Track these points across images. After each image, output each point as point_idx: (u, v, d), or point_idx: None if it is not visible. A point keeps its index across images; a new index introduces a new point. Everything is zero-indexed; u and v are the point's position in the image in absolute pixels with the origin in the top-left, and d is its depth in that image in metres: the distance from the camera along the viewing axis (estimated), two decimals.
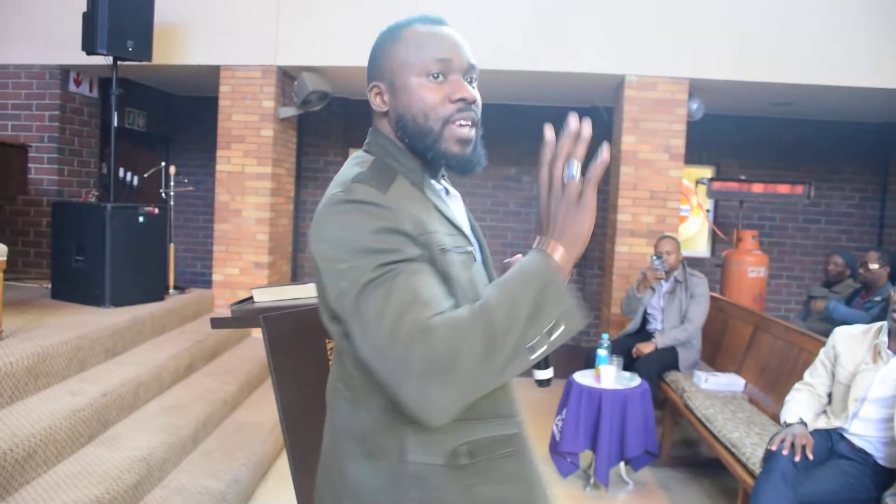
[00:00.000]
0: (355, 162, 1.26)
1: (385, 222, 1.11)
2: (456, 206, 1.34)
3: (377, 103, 1.30)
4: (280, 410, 2.13)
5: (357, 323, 1.09)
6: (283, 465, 4.02)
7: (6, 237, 5.74)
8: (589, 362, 4.38)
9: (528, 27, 5.71)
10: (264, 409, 4.46)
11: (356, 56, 5.91)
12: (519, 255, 1.34)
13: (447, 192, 1.34)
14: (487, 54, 5.67)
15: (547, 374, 1.28)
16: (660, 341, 4.71)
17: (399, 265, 1.08)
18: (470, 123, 1.24)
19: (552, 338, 1.04)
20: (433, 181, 1.29)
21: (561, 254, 1.07)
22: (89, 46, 4.99)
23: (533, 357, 1.04)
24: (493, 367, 1.02)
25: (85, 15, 5.00)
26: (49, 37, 5.91)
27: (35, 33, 5.98)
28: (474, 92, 1.25)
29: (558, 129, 1.11)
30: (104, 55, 5.02)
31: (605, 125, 6.69)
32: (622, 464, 4.10)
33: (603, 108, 6.96)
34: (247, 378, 4.77)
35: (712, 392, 4.23)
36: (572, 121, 1.08)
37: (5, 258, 3.59)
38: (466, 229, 1.30)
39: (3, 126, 6.14)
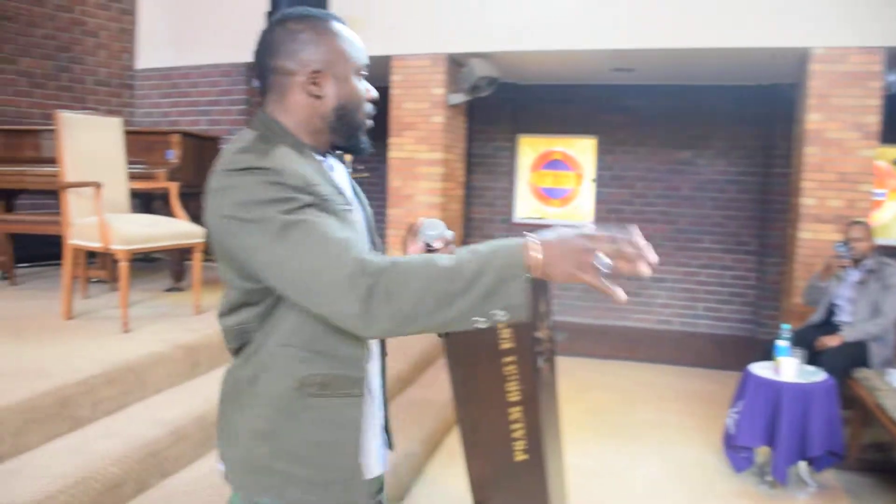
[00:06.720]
0: (238, 138, 1.32)
1: (272, 177, 1.19)
2: (340, 175, 1.43)
3: (313, 89, 1.35)
4: (452, 387, 2.18)
5: (280, 261, 1.16)
6: (452, 443, 4.13)
7: None
8: (766, 354, 4.15)
9: (702, 1, 5.46)
10: (436, 387, 4.61)
11: (524, 41, 5.93)
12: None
13: (331, 166, 1.43)
14: (660, 32, 5.48)
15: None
16: (848, 334, 4.37)
17: (301, 210, 1.18)
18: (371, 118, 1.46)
19: (492, 320, 1.10)
20: (313, 153, 1.37)
21: (538, 259, 1.10)
22: None
23: (473, 327, 1.11)
24: (434, 319, 1.10)
25: (268, 15, 5.34)
26: (236, 36, 6.38)
27: (224, 34, 6.49)
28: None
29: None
30: None
31: (789, 104, 6.27)
32: (803, 463, 3.86)
33: (786, 85, 6.51)
34: (420, 356, 4.94)
35: None
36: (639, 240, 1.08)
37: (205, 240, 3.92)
38: (348, 193, 1.39)
39: (197, 122, 6.72)
